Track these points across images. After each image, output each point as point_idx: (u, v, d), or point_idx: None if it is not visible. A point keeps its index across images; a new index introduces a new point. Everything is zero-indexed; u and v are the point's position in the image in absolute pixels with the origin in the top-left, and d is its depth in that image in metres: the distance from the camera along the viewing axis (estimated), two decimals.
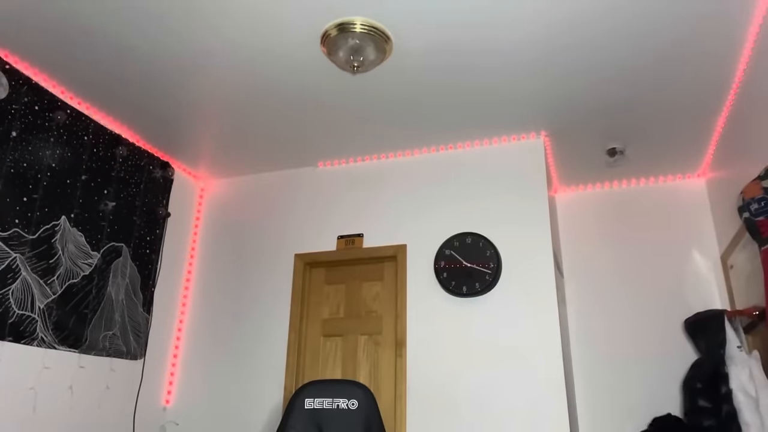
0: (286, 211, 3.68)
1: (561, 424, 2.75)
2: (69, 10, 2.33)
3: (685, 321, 3.26)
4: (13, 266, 2.54)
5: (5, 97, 2.55)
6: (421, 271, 3.24)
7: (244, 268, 3.63)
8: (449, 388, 2.97)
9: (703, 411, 2.78)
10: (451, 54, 2.56)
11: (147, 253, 3.38)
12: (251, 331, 3.46)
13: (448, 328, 3.08)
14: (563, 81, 2.74)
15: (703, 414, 2.77)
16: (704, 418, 2.76)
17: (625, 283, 3.57)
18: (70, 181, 2.88)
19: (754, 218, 2.35)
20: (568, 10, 2.27)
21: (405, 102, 2.97)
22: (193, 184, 3.91)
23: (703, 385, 2.83)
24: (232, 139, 3.40)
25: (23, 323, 2.57)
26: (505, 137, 3.32)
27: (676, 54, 2.52)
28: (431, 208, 3.35)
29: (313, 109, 3.07)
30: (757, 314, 2.63)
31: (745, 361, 2.61)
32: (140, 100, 3.00)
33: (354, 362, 3.27)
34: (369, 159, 3.60)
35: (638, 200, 3.73)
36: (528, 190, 3.20)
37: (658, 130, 3.14)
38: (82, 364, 2.90)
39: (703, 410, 2.78)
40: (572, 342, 3.53)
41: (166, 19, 2.38)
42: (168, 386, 3.48)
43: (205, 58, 2.64)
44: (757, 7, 2.24)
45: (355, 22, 2.35)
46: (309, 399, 2.14)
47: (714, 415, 2.71)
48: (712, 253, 3.44)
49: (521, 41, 2.47)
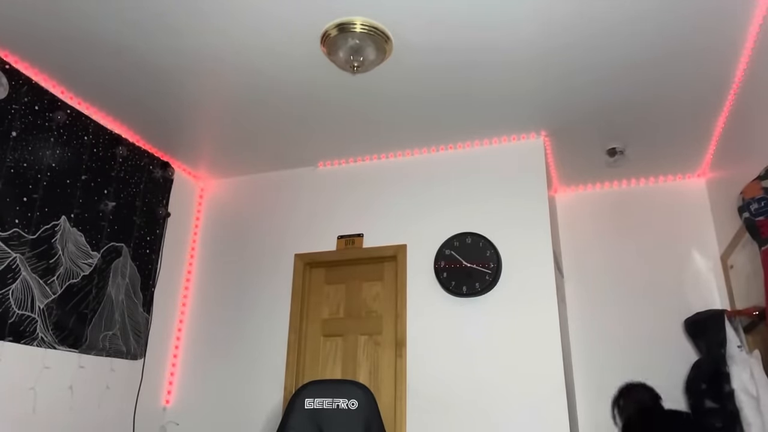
0: (286, 211, 3.68)
1: (561, 424, 2.75)
2: (69, 10, 2.33)
3: (685, 321, 3.25)
4: (13, 266, 2.54)
5: (5, 97, 2.55)
6: (421, 271, 3.24)
7: (244, 269, 3.63)
8: (449, 388, 2.97)
9: (711, 412, 2.76)
10: (451, 53, 2.56)
11: (147, 253, 3.38)
12: (251, 331, 3.46)
13: (448, 328, 3.08)
14: (563, 79, 2.74)
15: (712, 415, 2.76)
16: (715, 419, 2.74)
17: (625, 282, 3.57)
18: (70, 181, 2.88)
19: (754, 218, 2.35)
20: (567, 9, 2.27)
21: (405, 102, 2.97)
22: (193, 184, 3.91)
23: (707, 386, 2.82)
24: (232, 139, 3.40)
25: (23, 323, 2.57)
26: (505, 137, 3.32)
27: (676, 53, 2.52)
28: (431, 208, 3.35)
29: (313, 109, 3.07)
30: (757, 314, 2.63)
31: (745, 360, 2.61)
32: (140, 100, 3.00)
33: (354, 362, 3.27)
34: (369, 159, 3.60)
35: (638, 200, 3.73)
36: (528, 190, 3.20)
37: (658, 130, 3.14)
38: (82, 364, 2.90)
39: (712, 411, 2.76)
40: (572, 342, 3.53)
41: (166, 19, 2.38)
42: (168, 386, 3.48)
43: (205, 58, 2.64)
44: (757, 7, 2.24)
45: (355, 22, 2.35)
46: (309, 399, 2.14)
47: (722, 416, 2.70)
48: (712, 253, 3.44)
49: (521, 40, 2.46)
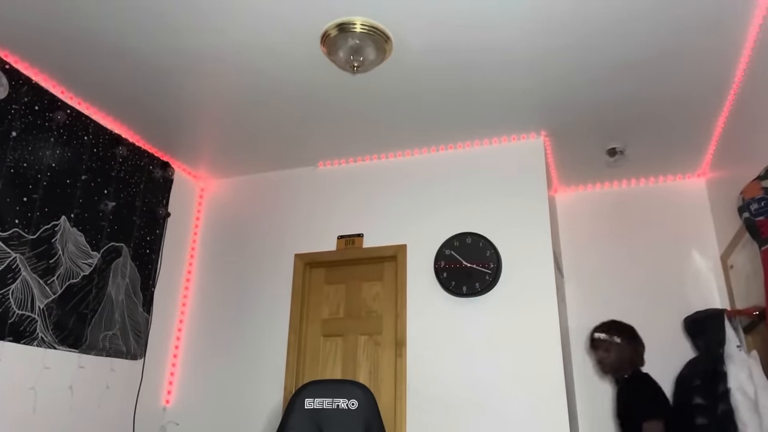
0: (286, 211, 3.67)
1: (561, 424, 2.75)
2: (69, 10, 2.33)
3: (685, 319, 3.25)
4: (13, 266, 2.54)
5: (5, 97, 2.55)
6: (421, 271, 3.24)
7: (244, 269, 3.63)
8: (449, 387, 2.97)
9: (697, 408, 2.77)
10: (452, 53, 2.56)
11: (147, 253, 3.38)
12: (251, 331, 3.46)
13: (448, 328, 3.08)
14: (563, 79, 2.74)
15: (697, 411, 2.76)
16: (698, 415, 2.75)
17: (625, 282, 3.57)
18: (70, 181, 2.88)
19: (754, 218, 2.35)
20: (567, 8, 2.27)
21: (405, 102, 2.97)
22: (193, 184, 3.91)
23: (701, 382, 2.83)
24: (232, 139, 3.40)
25: (23, 323, 2.57)
26: (505, 137, 3.32)
27: (676, 53, 2.52)
28: (431, 208, 3.35)
29: (313, 109, 3.06)
30: (757, 314, 2.63)
31: (744, 360, 2.61)
32: (140, 100, 3.00)
33: (354, 362, 3.27)
34: (369, 159, 3.60)
35: (638, 200, 3.73)
36: (528, 190, 3.20)
37: (658, 129, 3.14)
38: (82, 364, 2.90)
39: (698, 407, 2.77)
40: (572, 342, 3.53)
41: (166, 19, 2.38)
42: (168, 386, 3.48)
43: (205, 58, 2.64)
44: (757, 7, 2.24)
45: (355, 22, 2.35)
46: (309, 399, 2.13)
47: (708, 414, 2.70)
48: (712, 253, 3.44)
49: (521, 39, 2.46)
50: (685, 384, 2.94)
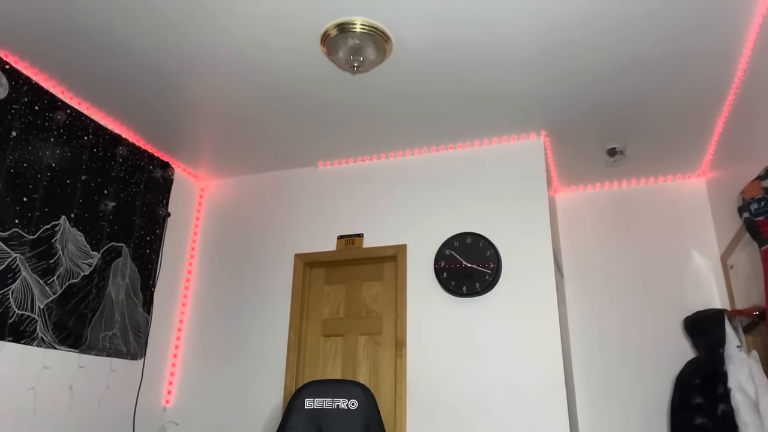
0: (286, 211, 3.68)
1: (561, 424, 2.75)
2: (69, 10, 2.33)
3: (685, 319, 3.26)
4: (13, 266, 2.54)
5: (5, 97, 2.55)
6: (421, 271, 3.24)
7: (244, 269, 3.63)
8: (449, 388, 2.97)
9: (696, 408, 2.77)
10: (452, 52, 2.56)
11: (147, 253, 3.38)
12: (251, 331, 3.46)
13: (448, 328, 3.08)
14: (562, 78, 2.74)
15: (695, 411, 2.76)
16: (697, 415, 2.75)
17: (625, 282, 3.57)
18: (70, 181, 2.88)
19: (754, 218, 2.35)
20: (567, 8, 2.27)
21: (405, 102, 2.97)
22: (193, 184, 3.91)
23: (701, 382, 2.83)
24: (233, 139, 3.40)
25: (23, 323, 2.57)
26: (505, 137, 3.32)
27: (676, 53, 2.52)
28: (431, 208, 3.35)
29: (313, 109, 3.06)
30: (757, 314, 2.63)
31: (744, 360, 2.61)
32: (140, 100, 3.00)
33: (354, 362, 3.27)
34: (369, 159, 3.60)
35: (638, 200, 3.73)
36: (528, 190, 3.20)
37: (658, 129, 3.14)
38: (82, 364, 2.90)
39: (697, 407, 2.77)
40: (572, 342, 3.53)
41: (167, 18, 2.38)
42: (168, 386, 3.48)
43: (205, 58, 2.64)
44: (757, 7, 2.24)
45: (355, 22, 2.35)
46: (309, 399, 2.14)
47: (707, 414, 2.70)
48: (712, 253, 3.44)
49: (521, 39, 2.46)
50: (685, 384, 2.95)
